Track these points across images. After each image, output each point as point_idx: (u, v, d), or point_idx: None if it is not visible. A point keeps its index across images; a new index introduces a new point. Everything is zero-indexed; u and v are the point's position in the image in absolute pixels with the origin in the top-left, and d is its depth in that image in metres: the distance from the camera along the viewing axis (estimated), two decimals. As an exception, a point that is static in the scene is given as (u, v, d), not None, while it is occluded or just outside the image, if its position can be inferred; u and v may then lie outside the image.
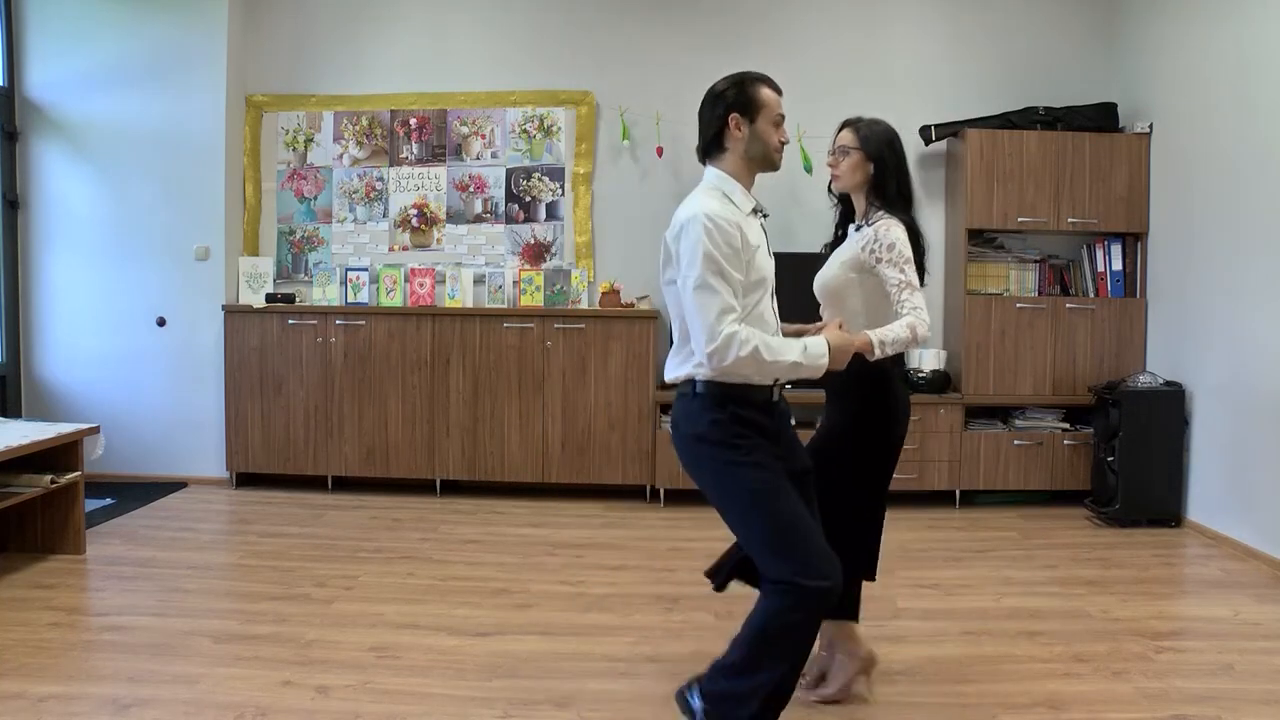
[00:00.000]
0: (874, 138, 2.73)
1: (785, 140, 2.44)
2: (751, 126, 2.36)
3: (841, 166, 2.76)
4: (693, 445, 2.37)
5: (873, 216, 2.72)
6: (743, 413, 2.31)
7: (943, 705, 2.73)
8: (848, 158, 2.74)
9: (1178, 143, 4.94)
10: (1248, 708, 2.77)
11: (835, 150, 2.78)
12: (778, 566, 2.28)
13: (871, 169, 2.72)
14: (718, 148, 2.40)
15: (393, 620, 3.45)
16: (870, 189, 2.74)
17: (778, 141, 2.40)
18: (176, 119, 5.50)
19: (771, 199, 5.82)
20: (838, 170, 2.77)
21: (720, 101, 2.38)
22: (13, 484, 3.95)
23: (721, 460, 2.32)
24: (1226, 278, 4.52)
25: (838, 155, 2.77)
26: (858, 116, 2.80)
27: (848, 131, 2.77)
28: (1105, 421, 4.94)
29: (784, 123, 2.43)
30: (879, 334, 2.54)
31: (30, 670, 2.97)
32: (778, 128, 2.40)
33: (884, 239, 2.63)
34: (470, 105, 5.66)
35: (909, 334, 2.56)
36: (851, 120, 2.79)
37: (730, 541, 2.52)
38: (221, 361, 5.45)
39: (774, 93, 2.41)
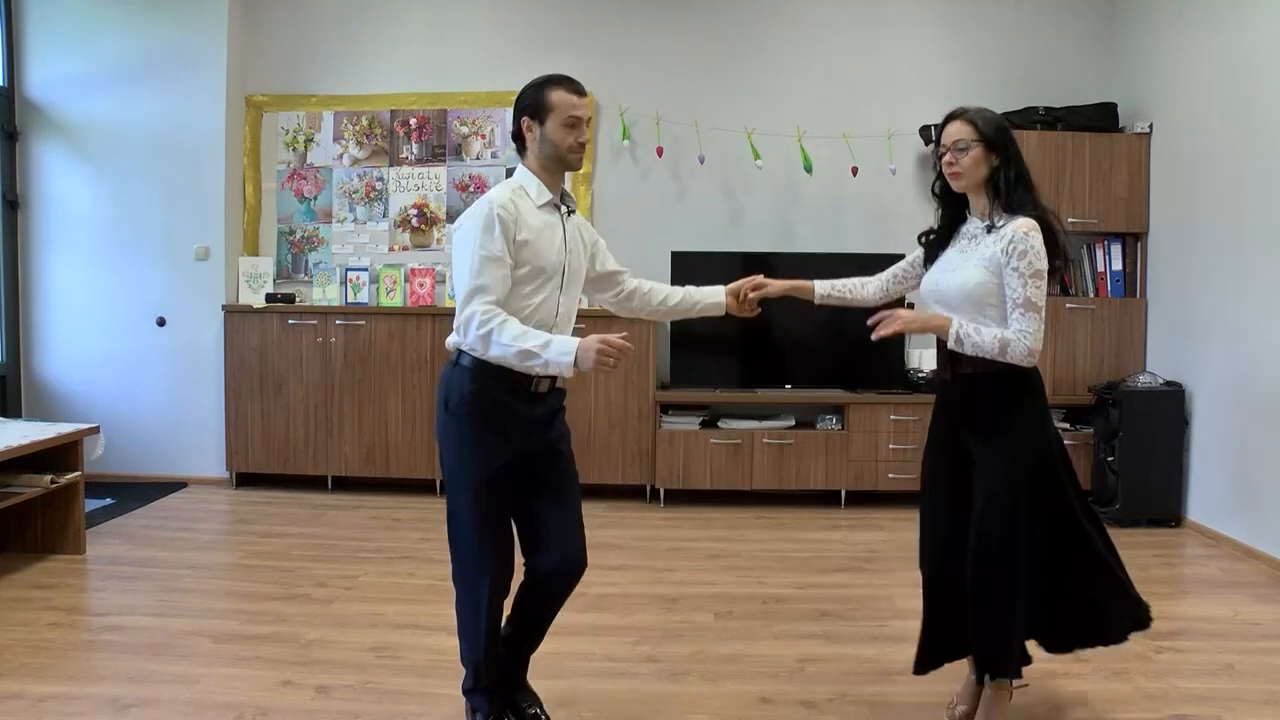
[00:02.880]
0: (991, 126, 2.46)
1: (582, 140, 2.46)
2: (541, 128, 2.45)
3: (963, 163, 2.46)
4: (441, 414, 2.47)
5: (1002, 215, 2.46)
6: (497, 394, 2.41)
7: (943, 705, 2.73)
8: (968, 153, 2.45)
9: (1178, 143, 4.94)
10: (1248, 708, 2.77)
11: (951, 146, 2.47)
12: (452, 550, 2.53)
13: (995, 160, 2.46)
14: (520, 147, 2.53)
15: (393, 620, 3.45)
16: (992, 183, 2.48)
17: (572, 142, 2.44)
18: (176, 119, 5.50)
19: (771, 199, 5.86)
20: (958, 167, 2.46)
21: (517, 105, 2.52)
22: (13, 484, 3.95)
23: (461, 434, 2.43)
24: (1226, 278, 4.52)
25: (955, 152, 2.47)
26: (963, 107, 2.52)
27: (960, 124, 2.48)
28: (1105, 421, 4.94)
29: (580, 124, 2.45)
30: (965, 325, 2.42)
31: (30, 670, 2.97)
32: (571, 129, 2.44)
33: (1019, 244, 2.37)
34: (470, 105, 5.66)
35: (997, 347, 2.38)
36: (960, 111, 2.51)
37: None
38: (221, 361, 5.45)
39: (571, 95, 2.45)
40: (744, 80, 5.57)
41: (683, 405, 5.34)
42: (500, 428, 2.43)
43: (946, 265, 2.56)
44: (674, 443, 5.20)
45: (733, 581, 3.97)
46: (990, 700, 2.56)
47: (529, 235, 2.40)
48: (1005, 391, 2.47)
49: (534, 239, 2.41)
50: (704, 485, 5.22)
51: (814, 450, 5.18)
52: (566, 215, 2.52)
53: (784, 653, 3.16)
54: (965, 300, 2.46)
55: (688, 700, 2.81)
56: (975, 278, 2.44)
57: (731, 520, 4.95)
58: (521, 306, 2.41)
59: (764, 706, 2.80)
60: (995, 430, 2.47)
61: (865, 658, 3.13)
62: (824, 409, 5.33)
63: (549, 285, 2.45)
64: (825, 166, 5.44)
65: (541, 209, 2.47)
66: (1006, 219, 2.45)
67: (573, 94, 2.46)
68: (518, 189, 2.46)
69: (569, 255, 2.50)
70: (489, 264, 2.34)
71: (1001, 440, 2.46)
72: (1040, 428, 2.52)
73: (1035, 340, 2.38)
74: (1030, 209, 2.44)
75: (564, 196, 2.55)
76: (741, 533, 4.72)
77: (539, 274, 2.42)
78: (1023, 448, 2.46)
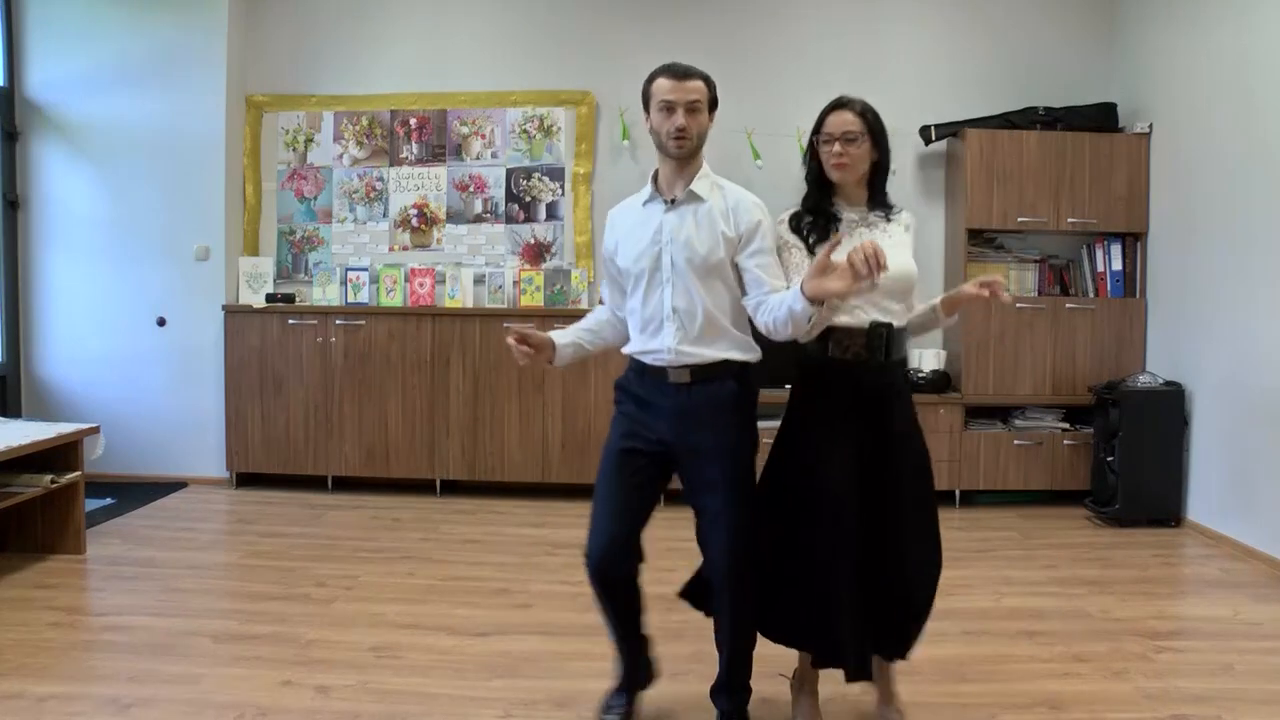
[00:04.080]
0: (878, 120, 2.46)
1: (679, 125, 2.39)
2: (649, 119, 2.48)
3: (853, 154, 2.41)
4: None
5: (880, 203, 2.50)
6: (630, 379, 2.58)
7: (943, 705, 2.73)
8: (857, 144, 2.41)
9: (1178, 143, 4.94)
10: (1248, 708, 2.77)
11: (840, 137, 2.41)
12: None
13: (876, 155, 2.47)
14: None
15: (393, 620, 3.45)
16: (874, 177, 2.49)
17: (669, 128, 2.41)
18: (176, 119, 5.50)
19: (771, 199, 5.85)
20: (847, 159, 2.41)
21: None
22: (13, 484, 3.95)
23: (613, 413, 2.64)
24: (1226, 278, 4.52)
25: (845, 143, 2.41)
26: (849, 97, 2.48)
27: (848, 114, 2.43)
28: (1105, 421, 4.94)
29: (675, 109, 2.40)
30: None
31: (30, 670, 2.97)
32: (667, 115, 2.41)
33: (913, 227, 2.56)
34: (470, 105, 5.66)
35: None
36: (847, 101, 2.47)
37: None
38: (221, 361, 5.45)
39: (667, 79, 2.43)
40: (744, 80, 5.56)
41: (683, 405, 5.33)
42: (637, 413, 2.53)
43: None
44: (674, 443, 5.19)
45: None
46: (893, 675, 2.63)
47: (621, 236, 2.54)
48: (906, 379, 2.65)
49: (624, 239, 2.53)
50: (704, 485, 5.20)
51: (814, 450, 5.17)
52: (670, 207, 2.47)
53: (784, 652, 3.15)
54: (905, 289, 2.48)
55: (688, 700, 2.81)
56: (911, 265, 2.48)
57: (731, 520, 4.94)
58: (630, 304, 2.54)
59: (764, 706, 2.80)
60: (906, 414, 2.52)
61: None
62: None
63: (641, 281, 2.48)
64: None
65: (645, 206, 2.52)
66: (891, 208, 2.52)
67: (669, 78, 2.42)
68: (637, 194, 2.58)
69: (665, 246, 2.45)
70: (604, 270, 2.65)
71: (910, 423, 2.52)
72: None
73: None
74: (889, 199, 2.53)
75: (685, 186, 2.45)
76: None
77: (628, 273, 2.51)
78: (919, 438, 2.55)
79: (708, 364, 2.46)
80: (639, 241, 2.49)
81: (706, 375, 2.46)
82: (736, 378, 2.51)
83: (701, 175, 2.48)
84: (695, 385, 2.46)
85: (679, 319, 2.45)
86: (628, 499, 2.51)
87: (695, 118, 2.41)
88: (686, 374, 2.46)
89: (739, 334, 2.51)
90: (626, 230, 2.53)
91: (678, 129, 2.39)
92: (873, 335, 2.42)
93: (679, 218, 2.46)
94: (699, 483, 2.51)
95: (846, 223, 2.48)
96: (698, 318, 2.44)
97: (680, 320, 2.44)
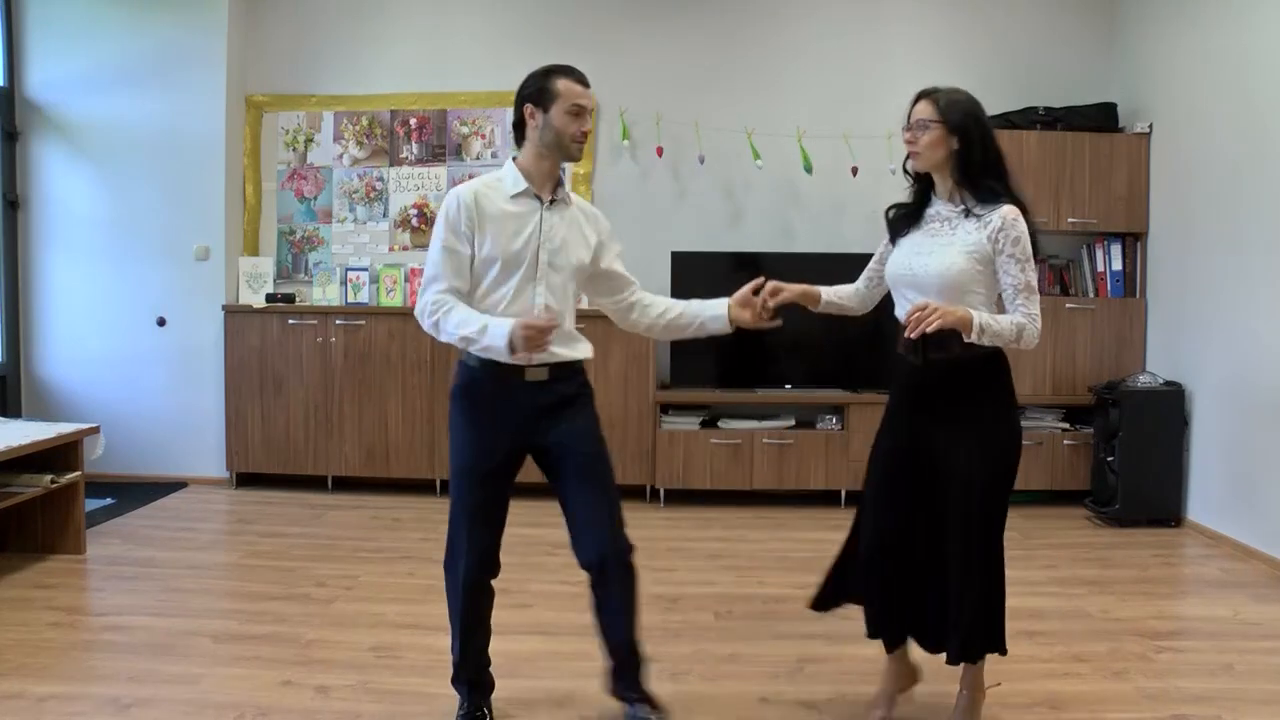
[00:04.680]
0: (955, 108, 2.42)
1: (585, 130, 2.46)
2: (545, 115, 2.45)
3: (921, 142, 2.44)
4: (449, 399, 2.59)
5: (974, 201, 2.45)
6: (487, 385, 2.48)
7: (943, 705, 2.73)
8: (927, 132, 2.42)
9: (1178, 143, 4.94)
10: (1248, 708, 2.77)
11: (913, 124, 2.46)
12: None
13: (956, 143, 2.42)
14: (520, 137, 2.53)
15: (393, 620, 3.45)
16: (956, 166, 2.45)
17: (575, 130, 2.44)
18: (176, 119, 5.50)
19: (771, 199, 5.85)
20: (916, 146, 2.45)
21: (520, 92, 2.51)
22: (13, 484, 3.95)
23: (454, 422, 2.56)
24: (1226, 278, 4.52)
25: (915, 130, 2.45)
26: (934, 87, 2.48)
27: (925, 103, 2.45)
28: (1105, 421, 4.94)
29: (584, 114, 2.45)
30: (985, 317, 2.34)
31: (30, 670, 2.97)
32: (575, 117, 2.44)
33: (1010, 230, 2.37)
34: (470, 105, 5.66)
35: (1014, 333, 2.35)
36: (928, 91, 2.47)
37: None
38: (221, 361, 5.45)
39: (576, 84, 2.46)
40: (744, 80, 5.57)
41: (682, 405, 5.34)
42: (492, 418, 2.48)
43: (917, 248, 2.49)
44: (674, 443, 5.20)
45: (733, 581, 3.98)
46: (973, 685, 2.59)
47: (489, 225, 2.44)
48: (978, 377, 2.47)
49: (495, 228, 2.44)
50: (704, 485, 5.22)
51: (814, 450, 5.18)
52: (547, 205, 2.50)
53: (784, 653, 3.16)
54: (944, 286, 2.41)
55: (688, 700, 2.81)
56: (958, 264, 2.40)
57: (731, 520, 4.95)
58: (491, 298, 2.47)
59: (764, 706, 2.80)
60: (966, 416, 2.45)
61: (865, 657, 3.12)
62: (824, 409, 5.33)
63: (515, 276, 2.46)
64: (825, 166, 5.44)
65: (515, 199, 2.48)
66: (985, 206, 2.42)
67: (577, 83, 2.47)
68: (491, 180, 2.51)
69: (544, 245, 2.47)
70: (444, 254, 2.44)
71: (971, 425, 2.44)
72: (1010, 411, 2.52)
73: (1040, 323, 2.40)
74: (1007, 197, 2.43)
75: (556, 187, 2.52)
76: (741, 533, 4.72)
77: (495, 263, 2.45)
78: (992, 432, 2.46)
79: (566, 363, 2.51)
80: (513, 235, 2.46)
81: (562, 373, 2.52)
82: (581, 372, 2.61)
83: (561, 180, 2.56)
84: (551, 383, 2.50)
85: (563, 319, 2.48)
86: (491, 519, 2.54)
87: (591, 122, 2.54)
88: (545, 372, 2.49)
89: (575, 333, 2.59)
90: (495, 217, 2.45)
91: (584, 134, 2.47)
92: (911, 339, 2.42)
93: (557, 217, 2.50)
94: (566, 472, 2.54)
95: (928, 216, 2.53)
96: (565, 317, 2.50)
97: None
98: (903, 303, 2.52)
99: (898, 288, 2.55)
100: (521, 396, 2.48)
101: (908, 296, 2.49)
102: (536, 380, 2.48)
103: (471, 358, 2.49)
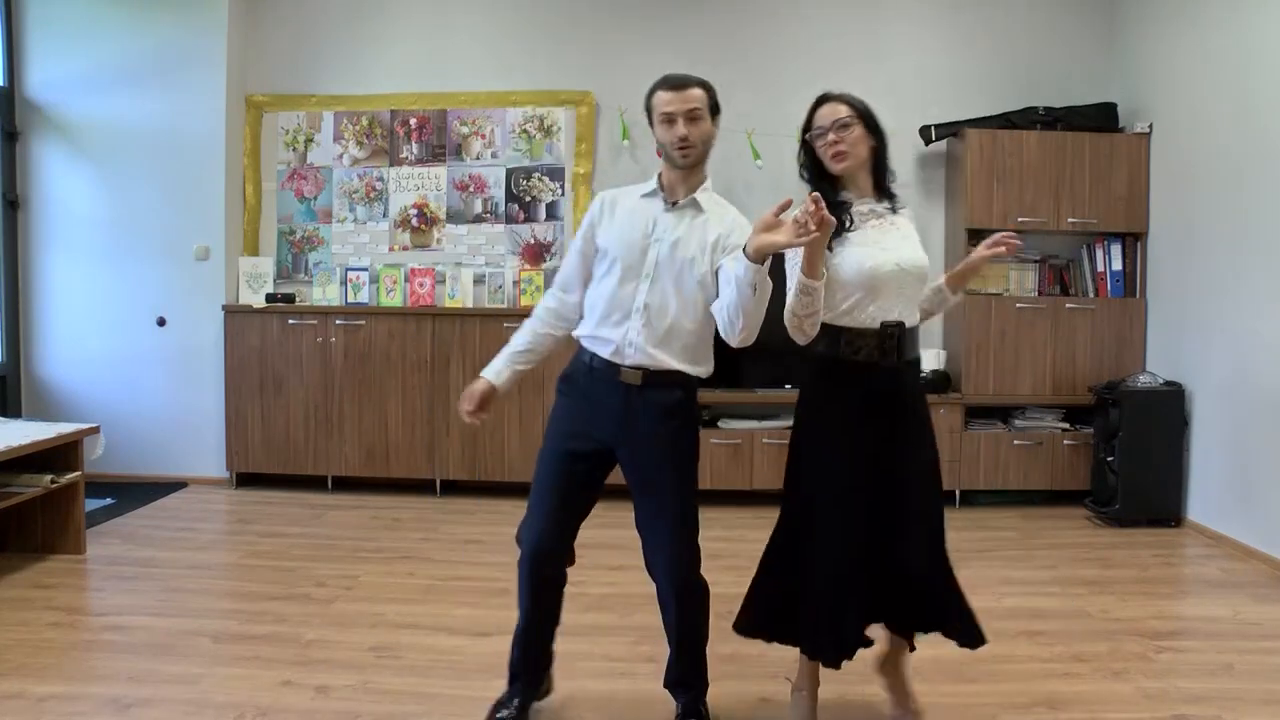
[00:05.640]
0: (865, 107, 2.45)
1: (682, 135, 2.41)
2: (654, 129, 2.49)
3: (849, 139, 2.40)
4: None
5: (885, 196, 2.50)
6: (580, 371, 2.55)
7: (943, 705, 2.73)
8: (851, 130, 2.41)
9: (1178, 143, 4.94)
10: (1248, 708, 2.77)
11: (831, 126, 2.41)
12: None
13: (873, 141, 2.44)
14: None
15: (393, 620, 3.45)
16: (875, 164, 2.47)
17: (672, 138, 2.44)
18: (176, 119, 5.50)
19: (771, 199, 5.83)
20: (844, 145, 2.39)
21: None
22: (13, 484, 3.95)
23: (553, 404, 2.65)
24: (1226, 278, 4.52)
25: (839, 130, 2.40)
26: (829, 91, 2.51)
27: (836, 104, 2.45)
28: (1105, 421, 4.94)
29: (676, 120, 2.41)
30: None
31: (30, 670, 2.97)
32: (667, 125, 2.44)
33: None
34: (470, 105, 5.66)
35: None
36: (831, 95, 2.49)
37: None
38: (221, 361, 5.45)
39: (664, 91, 2.46)
40: (744, 80, 5.56)
41: (683, 405, 5.33)
42: (581, 406, 2.52)
43: (880, 245, 2.40)
44: (674, 443, 5.19)
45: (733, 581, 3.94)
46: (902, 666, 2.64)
47: (613, 220, 2.51)
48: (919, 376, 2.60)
49: (616, 223, 2.50)
50: (704, 485, 5.12)
51: (814, 450, 5.18)
52: (670, 208, 2.48)
53: (784, 653, 3.14)
54: (918, 278, 2.48)
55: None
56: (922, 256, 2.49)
57: (731, 520, 4.94)
58: (596, 290, 2.51)
59: (764, 706, 2.80)
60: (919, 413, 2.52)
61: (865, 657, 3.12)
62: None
63: (618, 270, 2.45)
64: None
65: (644, 198, 2.51)
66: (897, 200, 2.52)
67: (667, 89, 2.45)
68: (636, 186, 2.58)
69: (654, 243, 2.45)
70: (569, 256, 2.61)
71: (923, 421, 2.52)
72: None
73: None
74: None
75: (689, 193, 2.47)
76: (741, 533, 4.70)
77: (605, 255, 2.49)
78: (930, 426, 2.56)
79: (660, 370, 2.46)
80: (630, 229, 2.48)
81: (657, 380, 2.47)
82: (684, 386, 2.52)
83: (705, 189, 2.51)
84: (645, 389, 2.46)
85: (647, 315, 2.44)
86: (568, 497, 2.53)
87: (697, 125, 2.42)
88: (639, 376, 2.45)
89: (696, 346, 2.51)
90: (620, 213, 2.51)
91: (680, 139, 2.40)
92: (884, 336, 2.40)
93: (676, 219, 2.47)
94: (641, 482, 2.53)
95: (858, 214, 2.45)
96: (665, 318, 2.44)
97: (648, 317, 2.44)
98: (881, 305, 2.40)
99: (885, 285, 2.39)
100: (610, 395, 2.47)
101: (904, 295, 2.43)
102: (630, 383, 2.46)
103: (579, 347, 2.56)
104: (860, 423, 2.42)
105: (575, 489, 2.53)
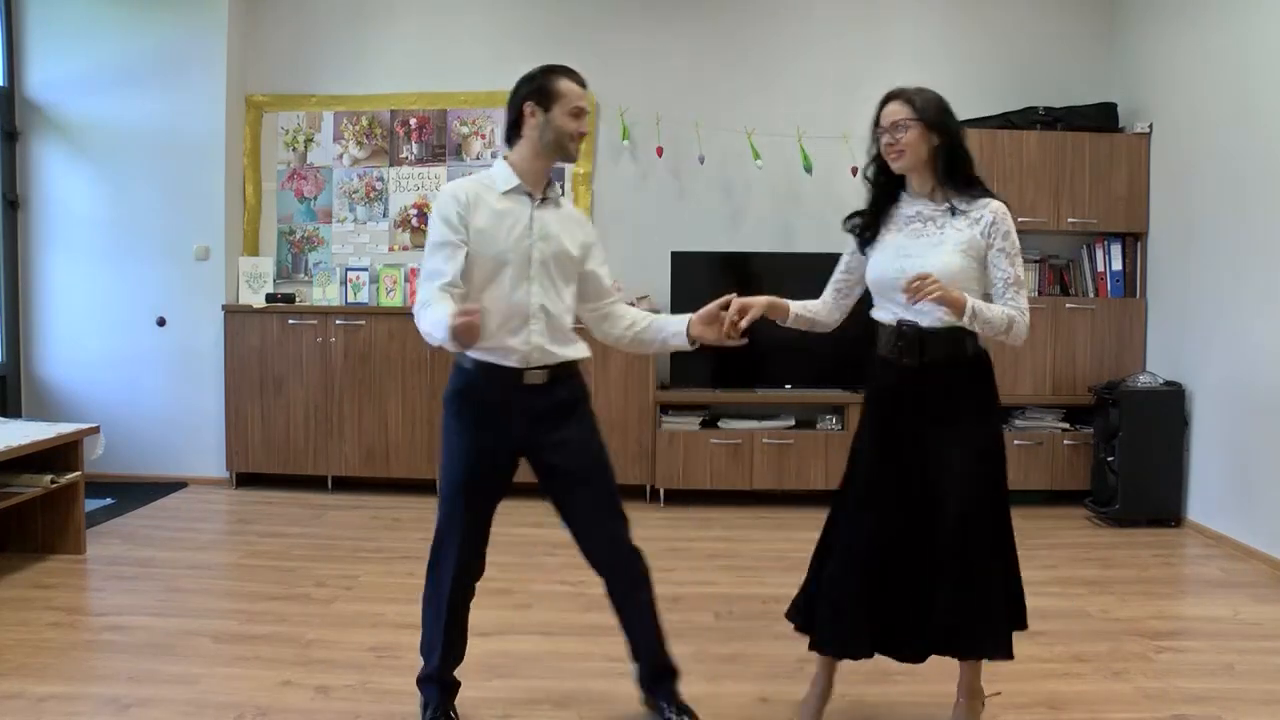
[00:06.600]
0: (930, 105, 2.42)
1: (583, 131, 2.48)
2: (546, 114, 2.45)
3: (904, 141, 2.40)
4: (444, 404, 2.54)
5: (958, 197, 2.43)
6: (477, 387, 2.46)
7: (943, 705, 2.73)
8: (907, 132, 2.40)
9: (1178, 143, 4.94)
10: (1248, 708, 2.77)
11: (889, 126, 2.43)
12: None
13: (936, 140, 2.41)
14: (515, 134, 2.50)
15: (393, 620, 3.45)
16: (938, 164, 2.43)
17: (574, 130, 2.46)
18: (176, 119, 5.50)
19: (771, 199, 5.85)
20: (900, 146, 2.41)
21: (518, 91, 2.49)
22: (13, 484, 3.95)
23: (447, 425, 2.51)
24: (1226, 278, 4.52)
25: (893, 131, 2.42)
26: (901, 87, 2.47)
27: (898, 104, 2.44)
28: (1105, 421, 4.94)
29: (584, 115, 2.48)
30: (978, 302, 2.33)
31: (30, 670, 2.97)
32: (575, 118, 2.46)
33: (1001, 224, 2.38)
34: (470, 105, 5.66)
35: (1006, 324, 2.36)
36: (896, 91, 2.47)
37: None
38: (221, 361, 5.45)
39: (576, 85, 2.48)
40: (744, 80, 5.57)
41: (682, 405, 5.34)
42: (489, 424, 2.46)
43: (902, 251, 2.45)
44: (674, 443, 5.20)
45: (733, 581, 3.98)
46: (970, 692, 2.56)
47: (483, 222, 2.43)
48: (967, 378, 2.48)
49: (487, 226, 2.43)
50: (704, 485, 5.22)
51: (814, 450, 5.18)
52: (539, 203, 2.49)
53: (784, 653, 3.16)
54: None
55: (688, 700, 2.81)
56: (955, 263, 2.38)
57: (731, 520, 4.95)
58: (484, 296, 2.44)
59: (764, 706, 2.80)
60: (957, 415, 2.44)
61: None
62: (824, 409, 5.33)
63: (509, 273, 2.44)
64: (825, 166, 5.44)
65: (506, 195, 2.47)
66: (970, 202, 2.43)
67: (578, 84, 2.49)
68: (482, 179, 2.50)
69: (536, 243, 2.46)
70: (437, 250, 2.42)
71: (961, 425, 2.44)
72: (995, 411, 2.56)
73: (1029, 319, 2.43)
74: (989, 192, 2.45)
75: (547, 187, 2.53)
76: (741, 533, 4.72)
77: (487, 261, 2.43)
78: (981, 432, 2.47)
79: (560, 364, 2.48)
80: (508, 232, 2.44)
81: (561, 375, 2.49)
82: (577, 373, 2.57)
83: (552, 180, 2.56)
84: (551, 386, 2.48)
85: (544, 316, 2.45)
86: (483, 517, 2.54)
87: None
88: (543, 375, 2.46)
89: (570, 331, 2.55)
90: (486, 215, 2.43)
91: (582, 134, 2.49)
92: (898, 335, 2.43)
93: (548, 215, 2.50)
94: (573, 477, 2.52)
95: (903, 217, 2.49)
96: (560, 316, 2.48)
97: (545, 317, 2.45)
98: (892, 308, 2.47)
99: (886, 293, 2.49)
100: (519, 401, 2.46)
101: (899, 300, 2.42)
102: (535, 383, 2.46)
103: (466, 359, 2.47)
104: (886, 419, 2.49)
105: (489, 507, 2.55)
